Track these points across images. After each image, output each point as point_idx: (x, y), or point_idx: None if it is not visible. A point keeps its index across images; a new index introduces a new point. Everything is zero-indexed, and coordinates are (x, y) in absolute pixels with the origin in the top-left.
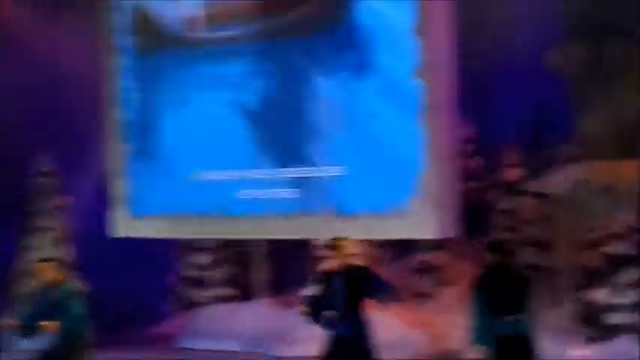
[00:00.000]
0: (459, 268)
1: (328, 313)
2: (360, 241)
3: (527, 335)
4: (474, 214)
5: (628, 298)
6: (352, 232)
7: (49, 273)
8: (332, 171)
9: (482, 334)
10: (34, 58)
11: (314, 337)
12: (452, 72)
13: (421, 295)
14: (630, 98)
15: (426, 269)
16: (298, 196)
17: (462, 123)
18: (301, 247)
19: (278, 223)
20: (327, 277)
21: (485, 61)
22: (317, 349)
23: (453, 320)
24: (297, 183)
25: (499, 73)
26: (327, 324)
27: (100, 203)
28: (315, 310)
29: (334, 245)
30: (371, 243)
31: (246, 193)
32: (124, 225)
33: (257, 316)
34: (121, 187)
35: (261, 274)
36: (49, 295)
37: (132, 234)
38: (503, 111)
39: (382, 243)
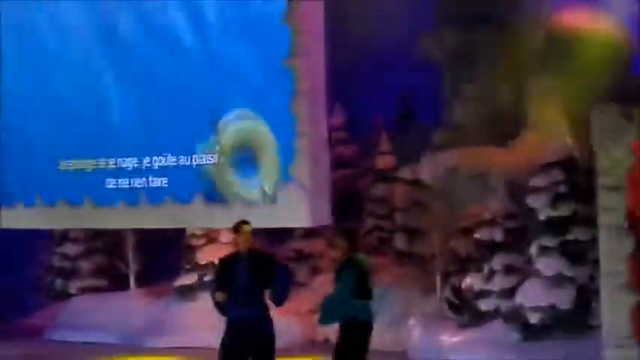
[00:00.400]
0: (332, 256)
1: (219, 296)
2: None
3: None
4: (347, 201)
5: (498, 284)
6: (224, 220)
7: None
8: (202, 159)
9: (328, 314)
10: None
11: (186, 328)
12: (322, 59)
13: (294, 283)
14: (500, 85)
15: (299, 257)
16: (168, 184)
17: (333, 110)
18: (173, 236)
19: (148, 212)
20: (230, 262)
21: (355, 48)
22: (189, 340)
23: None
24: (167, 171)
25: (370, 60)
26: (219, 307)
27: None
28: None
29: (239, 228)
30: None
31: (115, 182)
32: None
33: (128, 306)
34: None
35: (132, 264)
36: None
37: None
38: (374, 98)
39: (255, 231)
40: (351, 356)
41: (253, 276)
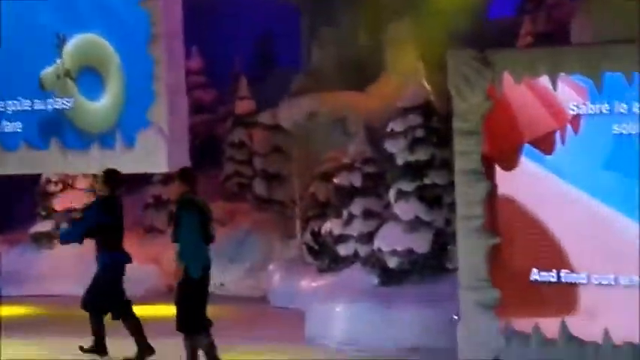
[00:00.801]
0: None
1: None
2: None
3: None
4: (205, 146)
5: (357, 228)
6: (81, 166)
7: None
8: (58, 103)
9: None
10: None
11: (42, 276)
12: (179, 1)
13: (153, 229)
14: (359, 30)
15: (157, 204)
16: (22, 129)
17: (191, 54)
18: (28, 182)
19: (2, 157)
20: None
21: None
22: (45, 288)
23: None
24: (21, 116)
25: (228, 3)
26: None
27: None
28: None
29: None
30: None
31: None
32: None
33: None
34: None
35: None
36: None
37: None
38: (233, 43)
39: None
40: (194, 304)
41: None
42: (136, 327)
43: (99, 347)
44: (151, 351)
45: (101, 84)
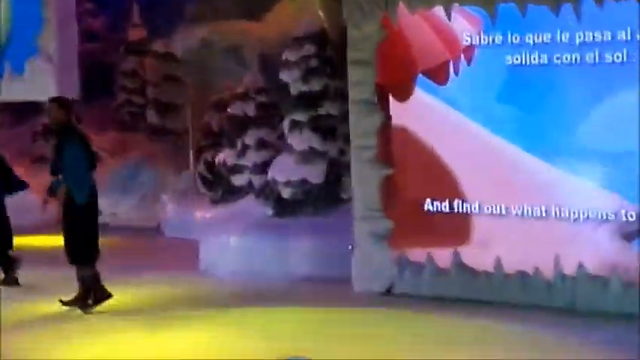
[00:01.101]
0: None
1: None
2: None
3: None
4: (97, 75)
5: (251, 159)
6: None
7: None
8: None
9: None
10: None
11: None
12: None
13: (42, 160)
14: None
15: (46, 132)
16: None
17: None
18: None
19: None
20: None
21: None
22: None
23: None
24: None
25: None
26: None
27: None
28: None
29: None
30: None
31: None
32: None
33: None
34: None
35: None
36: None
37: None
38: None
39: (2, 107)
40: (82, 232)
41: None
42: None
43: None
44: None
45: None
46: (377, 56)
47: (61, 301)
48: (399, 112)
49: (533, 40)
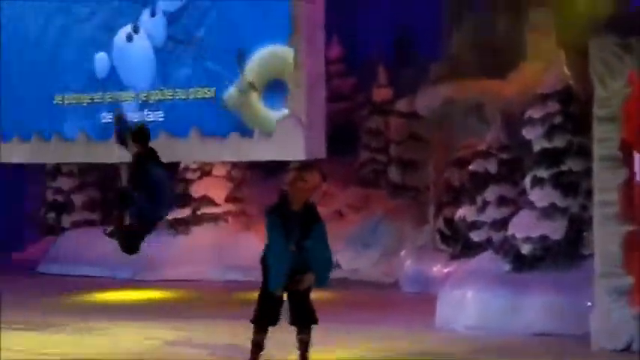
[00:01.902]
0: (325, 189)
1: None
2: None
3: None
4: (342, 134)
5: (491, 215)
6: (218, 154)
7: None
8: (199, 93)
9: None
10: None
11: (178, 261)
12: None
13: None
14: (499, 16)
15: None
16: (163, 118)
17: (331, 43)
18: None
19: None
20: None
21: None
22: (181, 273)
23: None
24: (163, 105)
25: None
26: None
27: None
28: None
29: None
30: (238, 165)
31: (110, 117)
32: None
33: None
34: None
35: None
36: None
37: None
38: (371, 30)
39: (251, 164)
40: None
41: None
42: None
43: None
44: None
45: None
46: (622, 113)
47: None
48: None
49: None
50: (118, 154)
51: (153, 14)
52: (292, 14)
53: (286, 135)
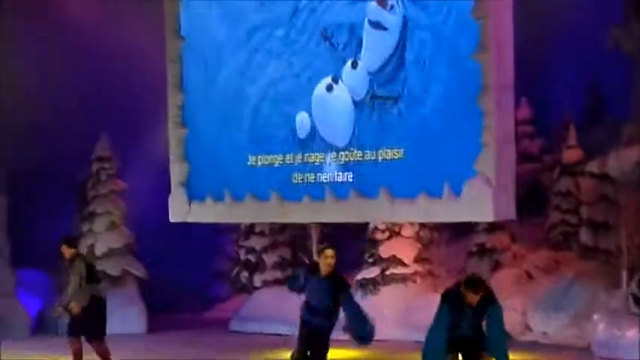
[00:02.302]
0: (514, 251)
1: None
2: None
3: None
4: (530, 195)
5: None
6: (407, 215)
7: None
8: (387, 154)
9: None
10: (94, 44)
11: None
12: (511, 53)
13: None
14: None
15: (481, 251)
16: (353, 179)
17: (520, 104)
18: (356, 229)
19: (333, 206)
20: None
21: (544, 40)
22: None
23: (507, 303)
24: (352, 166)
25: (558, 53)
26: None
27: (158, 188)
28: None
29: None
30: (426, 225)
31: (301, 177)
32: (182, 209)
33: None
34: (179, 171)
35: (315, 257)
36: None
37: (189, 219)
38: (561, 91)
39: (438, 225)
40: None
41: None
42: None
43: None
44: None
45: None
46: None
47: None
48: None
49: None
50: (309, 215)
51: (354, 66)
52: (482, 75)
53: (475, 196)
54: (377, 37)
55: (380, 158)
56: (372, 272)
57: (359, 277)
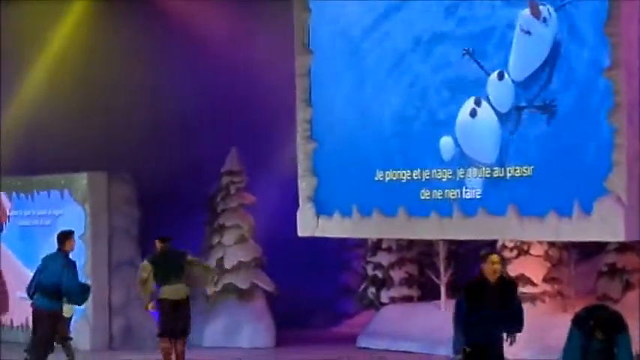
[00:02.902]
0: None
1: None
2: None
3: None
4: None
5: None
6: (536, 233)
7: None
8: (517, 171)
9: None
10: (224, 57)
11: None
12: (638, 70)
13: (606, 298)
14: None
15: (611, 272)
16: (481, 195)
17: None
18: (484, 247)
19: (461, 223)
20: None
21: None
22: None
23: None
24: (481, 182)
25: None
26: None
27: (285, 202)
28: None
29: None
30: (555, 244)
31: (429, 193)
32: (310, 224)
33: (438, 317)
34: (307, 186)
35: (443, 274)
36: None
37: (317, 233)
38: None
39: (567, 244)
40: None
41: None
42: None
43: None
44: None
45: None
46: None
47: None
48: None
49: None
50: (436, 231)
51: (501, 77)
52: (613, 92)
53: (606, 214)
54: (527, 45)
55: (508, 175)
56: None
57: None
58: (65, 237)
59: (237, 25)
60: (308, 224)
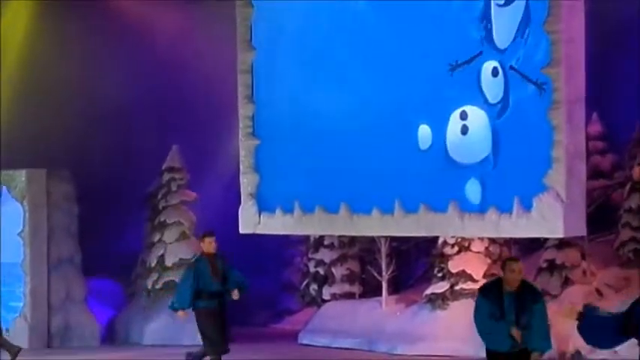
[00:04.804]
0: (584, 268)
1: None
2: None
3: None
4: (602, 212)
5: None
6: (477, 229)
7: None
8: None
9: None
10: (165, 53)
11: (436, 337)
12: (582, 67)
13: (545, 294)
14: None
15: (551, 268)
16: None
17: (591, 120)
18: (425, 244)
19: (402, 219)
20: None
21: (615, 55)
22: (438, 348)
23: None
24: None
25: (630, 68)
26: None
27: (227, 199)
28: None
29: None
30: (496, 241)
31: (370, 189)
32: (252, 221)
33: (379, 313)
34: (248, 182)
35: (384, 271)
36: None
37: (259, 230)
38: (633, 106)
39: (507, 241)
40: None
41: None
42: None
43: None
44: None
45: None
46: None
47: None
48: None
49: None
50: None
51: (495, 74)
52: (552, 89)
53: (545, 211)
54: None
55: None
56: (441, 287)
57: (428, 291)
58: None
59: (179, 21)
60: (250, 221)
